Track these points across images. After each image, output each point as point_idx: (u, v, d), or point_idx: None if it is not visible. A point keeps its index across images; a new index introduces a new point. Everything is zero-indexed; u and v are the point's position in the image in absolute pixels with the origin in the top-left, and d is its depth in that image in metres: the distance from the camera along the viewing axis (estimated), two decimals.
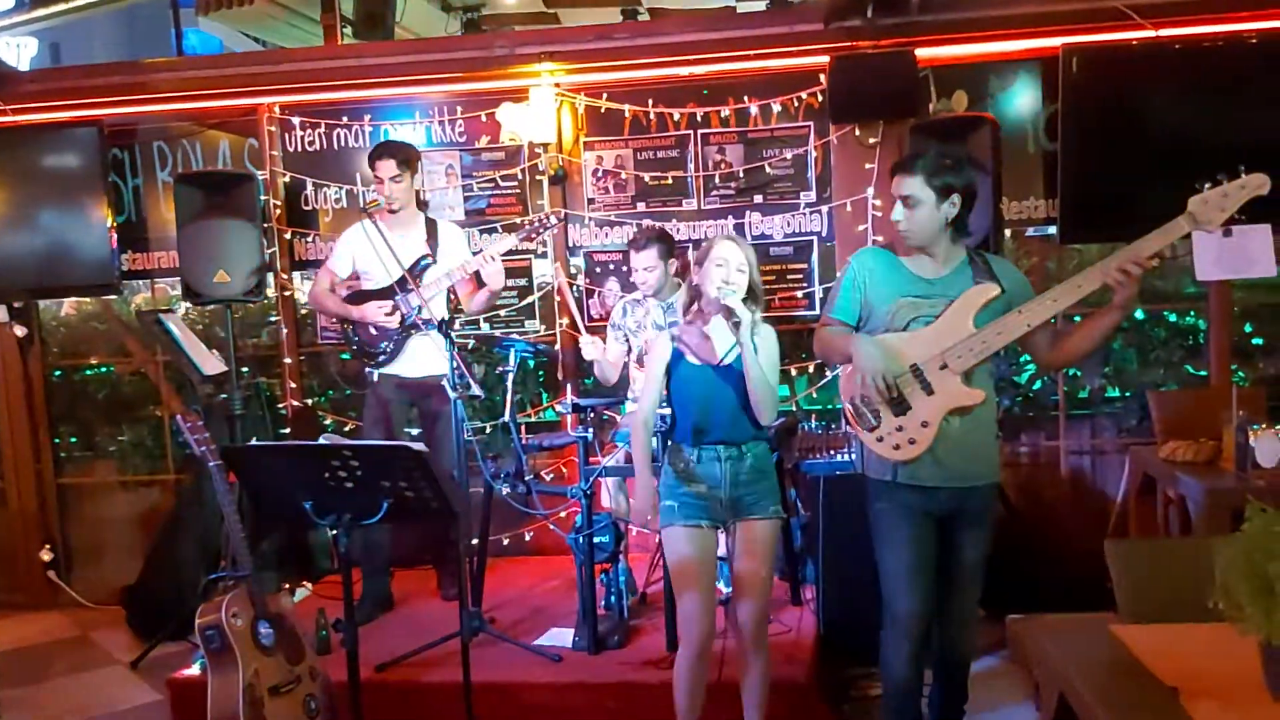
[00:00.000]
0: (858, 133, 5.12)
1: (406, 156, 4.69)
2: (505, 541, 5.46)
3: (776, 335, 3.39)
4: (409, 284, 4.52)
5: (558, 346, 5.42)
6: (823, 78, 5.04)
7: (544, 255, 5.49)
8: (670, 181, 5.36)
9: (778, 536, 3.38)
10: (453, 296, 4.82)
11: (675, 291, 4.77)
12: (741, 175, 5.30)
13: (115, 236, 5.50)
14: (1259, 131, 4.45)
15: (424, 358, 4.65)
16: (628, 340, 4.83)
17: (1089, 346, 3.20)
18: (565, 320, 5.41)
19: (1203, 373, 5.22)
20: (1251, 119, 4.53)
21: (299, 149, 5.62)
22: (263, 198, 5.45)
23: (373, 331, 4.68)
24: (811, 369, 5.30)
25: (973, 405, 3.11)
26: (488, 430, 5.38)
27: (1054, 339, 3.23)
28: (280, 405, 5.74)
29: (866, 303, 3.24)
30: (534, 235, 4.73)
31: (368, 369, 4.78)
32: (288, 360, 5.67)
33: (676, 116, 5.31)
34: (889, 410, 3.15)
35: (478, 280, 4.70)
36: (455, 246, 4.77)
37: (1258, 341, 5.42)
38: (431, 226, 4.77)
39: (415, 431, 5.06)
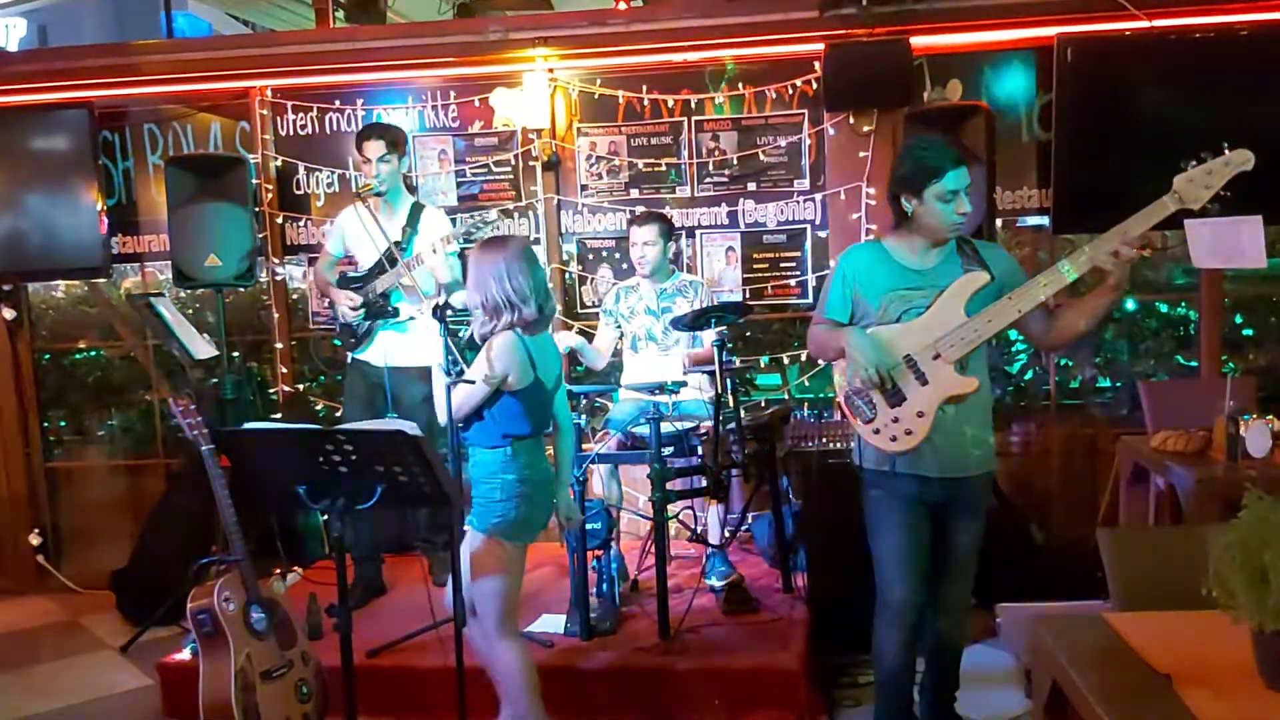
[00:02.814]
0: (852, 121, 5.12)
1: (394, 139, 4.64)
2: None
3: (497, 352, 3.24)
4: (390, 263, 4.51)
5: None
6: (817, 65, 5.03)
7: (536, 241, 5.48)
8: (664, 168, 5.35)
9: (470, 548, 3.31)
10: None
11: (670, 277, 4.78)
12: (735, 162, 5.29)
13: (105, 219, 5.47)
14: (1252, 122, 4.43)
15: (391, 348, 4.61)
16: (619, 326, 4.83)
17: (1083, 327, 3.19)
18: (558, 307, 5.40)
19: (1194, 363, 5.24)
20: (1244, 109, 4.53)
21: (291, 133, 5.59)
22: (254, 181, 5.42)
23: (345, 320, 4.67)
24: (804, 358, 5.30)
25: (967, 393, 3.12)
26: None
27: (1047, 321, 3.23)
28: (271, 390, 5.72)
29: (858, 299, 3.24)
30: (474, 231, 4.65)
31: (350, 353, 4.77)
32: (279, 345, 5.66)
33: (670, 103, 5.30)
34: (884, 402, 3.15)
35: None
36: (433, 231, 4.73)
37: (1248, 333, 5.45)
38: (415, 211, 4.72)
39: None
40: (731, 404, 4.33)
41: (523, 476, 3.27)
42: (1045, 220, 5.05)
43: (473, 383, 3.20)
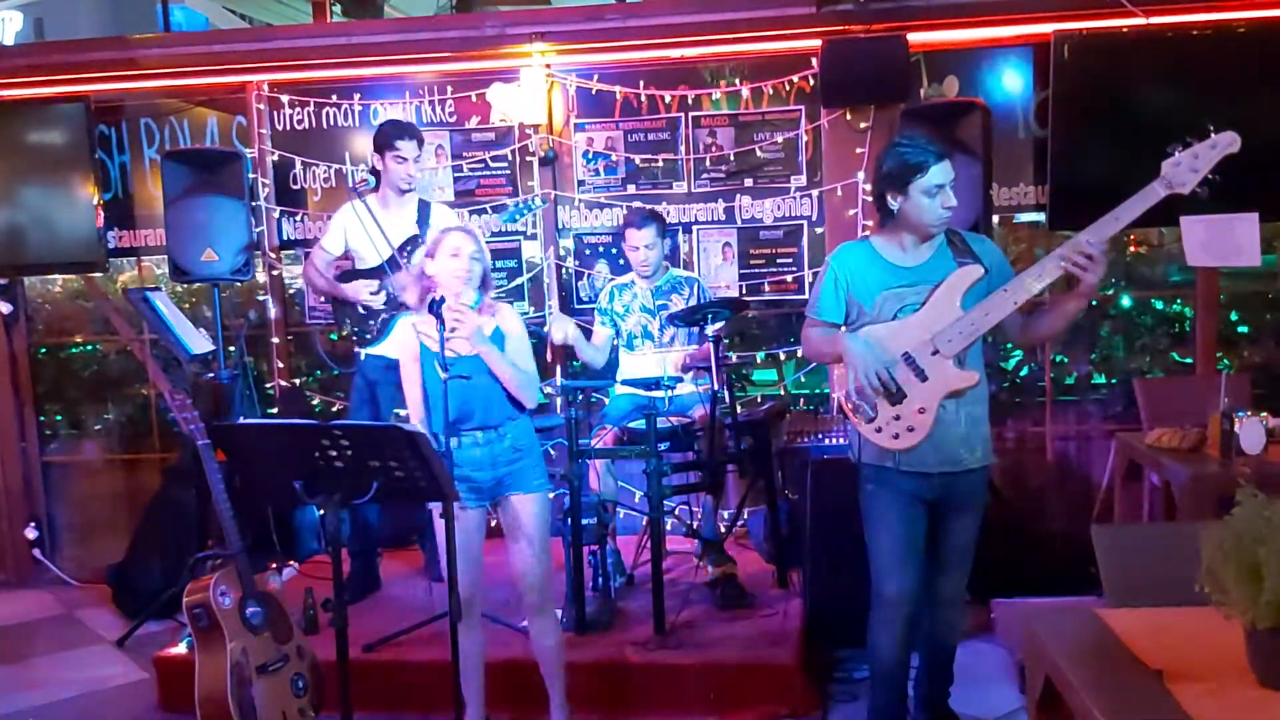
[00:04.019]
0: (849, 117, 5.12)
1: (421, 138, 4.71)
2: (493, 523, 5.44)
3: (516, 314, 3.55)
4: (397, 264, 4.51)
5: (547, 329, 5.41)
6: (814, 61, 5.03)
7: (533, 237, 5.48)
8: (661, 164, 5.35)
9: (544, 510, 3.45)
10: None
11: (664, 275, 4.78)
12: (732, 158, 5.29)
13: (102, 214, 5.46)
14: (1249, 119, 4.42)
15: (410, 339, 4.63)
16: (615, 324, 4.83)
17: (1058, 329, 3.25)
18: (554, 302, 5.40)
19: (1189, 360, 5.25)
20: (1241, 106, 4.53)
21: (288, 127, 5.59)
22: (251, 176, 5.41)
23: (361, 311, 4.68)
24: (800, 354, 5.30)
25: (967, 387, 3.12)
26: None
27: (1024, 322, 3.24)
28: (268, 385, 5.72)
29: (851, 300, 3.24)
30: (517, 219, 4.73)
31: (355, 349, 4.77)
32: (275, 340, 5.65)
33: (668, 99, 5.30)
34: (885, 400, 3.15)
35: None
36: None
37: (1243, 330, 5.46)
38: (424, 208, 4.75)
39: (403, 412, 5.04)
40: (728, 400, 4.34)
41: None
42: (1041, 216, 5.06)
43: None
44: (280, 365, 5.66)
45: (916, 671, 3.54)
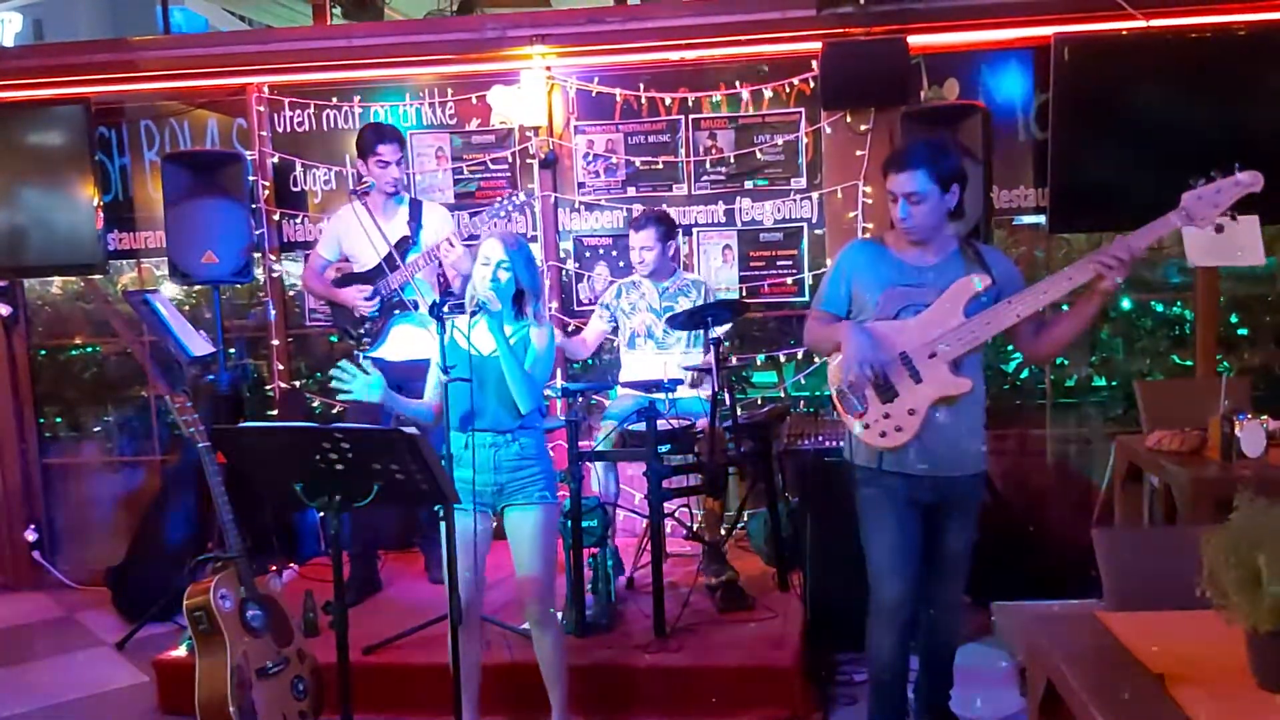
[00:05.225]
0: (849, 119, 5.12)
1: (402, 140, 4.72)
2: (493, 524, 5.44)
3: (550, 335, 3.44)
4: (395, 264, 4.52)
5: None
6: (815, 64, 5.03)
7: (533, 239, 5.48)
8: (661, 166, 5.35)
9: (548, 522, 3.42)
10: (442, 280, 4.82)
11: (672, 276, 4.78)
12: (732, 160, 5.29)
13: (102, 216, 5.46)
14: (1247, 123, 4.46)
15: (407, 341, 4.64)
16: (614, 320, 4.83)
17: (1072, 335, 3.21)
18: (554, 304, 5.40)
19: (1189, 362, 5.24)
20: (1240, 110, 4.55)
21: (288, 129, 5.59)
22: (251, 178, 5.41)
23: (358, 315, 4.68)
24: (800, 355, 5.31)
25: (960, 395, 3.12)
26: None
27: (1038, 329, 3.23)
28: (268, 387, 5.72)
29: (855, 294, 3.24)
30: (501, 216, 4.74)
31: (355, 351, 4.77)
32: (275, 342, 5.65)
33: (668, 101, 5.30)
34: (877, 398, 3.16)
35: None
36: (439, 227, 4.75)
37: (1243, 332, 5.46)
38: (415, 207, 4.76)
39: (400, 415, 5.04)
40: (728, 402, 4.33)
41: None
42: (1041, 219, 5.05)
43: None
44: (280, 367, 5.66)
45: (916, 674, 3.54)
